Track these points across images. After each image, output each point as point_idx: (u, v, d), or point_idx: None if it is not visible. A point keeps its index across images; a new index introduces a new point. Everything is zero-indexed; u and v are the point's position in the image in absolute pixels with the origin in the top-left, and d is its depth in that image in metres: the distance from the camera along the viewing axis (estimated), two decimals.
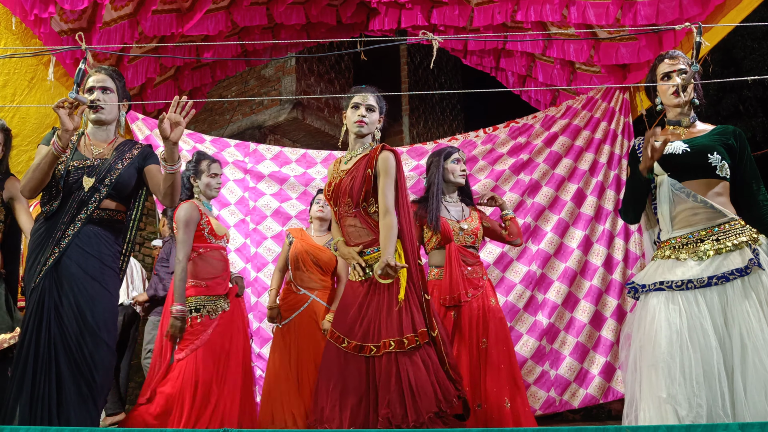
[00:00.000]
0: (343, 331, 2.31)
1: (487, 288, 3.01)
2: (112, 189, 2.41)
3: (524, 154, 4.29)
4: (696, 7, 3.56)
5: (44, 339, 2.24)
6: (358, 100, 2.50)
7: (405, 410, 2.08)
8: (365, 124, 2.47)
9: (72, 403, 2.22)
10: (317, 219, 3.71)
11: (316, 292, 3.53)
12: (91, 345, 2.28)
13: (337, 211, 2.48)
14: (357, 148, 2.51)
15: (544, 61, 4.70)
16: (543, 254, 4.11)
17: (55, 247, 2.32)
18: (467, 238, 3.02)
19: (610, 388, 3.93)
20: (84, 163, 2.40)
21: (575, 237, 4.15)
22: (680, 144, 2.26)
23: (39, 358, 2.22)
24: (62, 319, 2.27)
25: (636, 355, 2.15)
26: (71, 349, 2.25)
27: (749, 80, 7.46)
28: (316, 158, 4.52)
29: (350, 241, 2.45)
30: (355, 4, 5.03)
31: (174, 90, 4.97)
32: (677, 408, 1.94)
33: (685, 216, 2.19)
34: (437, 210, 2.98)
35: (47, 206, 2.38)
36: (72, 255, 2.33)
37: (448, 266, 2.93)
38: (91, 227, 2.39)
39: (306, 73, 7.57)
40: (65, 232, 2.34)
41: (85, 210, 2.37)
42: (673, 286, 2.10)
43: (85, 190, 2.38)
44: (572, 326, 4.03)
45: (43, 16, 3.55)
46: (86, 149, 2.47)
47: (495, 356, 2.84)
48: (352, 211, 2.41)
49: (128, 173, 2.46)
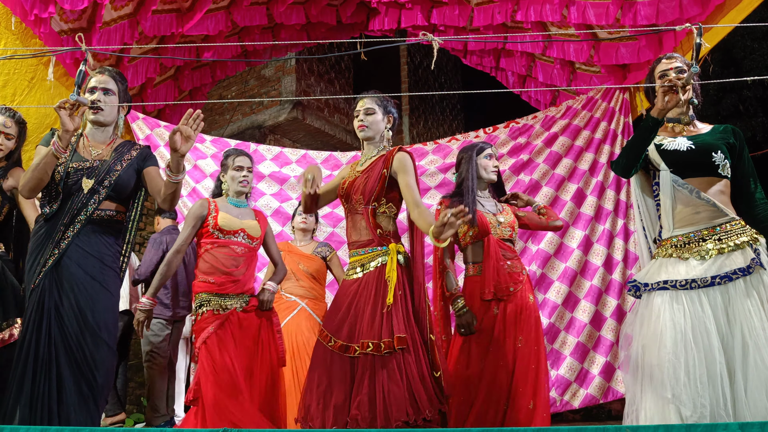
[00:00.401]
0: (331, 329, 2.32)
1: (526, 283, 2.91)
2: (112, 190, 2.42)
3: (524, 155, 4.29)
4: (696, 7, 3.56)
5: (44, 339, 2.24)
6: (357, 108, 2.54)
7: (374, 415, 2.08)
8: (366, 127, 2.49)
9: (73, 403, 2.22)
10: (300, 230, 3.75)
11: (306, 300, 3.57)
12: (91, 345, 2.28)
13: (347, 208, 2.50)
14: (371, 151, 2.52)
15: (544, 61, 4.70)
16: (543, 254, 4.11)
17: (55, 247, 2.32)
18: (505, 231, 2.91)
19: (610, 388, 3.93)
20: (83, 165, 2.40)
21: (575, 237, 4.15)
22: (684, 141, 2.26)
23: (39, 358, 2.22)
24: (63, 319, 2.27)
25: (638, 354, 2.14)
26: (72, 350, 2.25)
27: (749, 80, 7.46)
28: (316, 159, 4.52)
29: (349, 238, 2.47)
30: (355, 4, 5.03)
31: (174, 90, 4.97)
32: (681, 408, 1.94)
33: (687, 214, 2.19)
34: (473, 203, 2.85)
35: (47, 207, 2.39)
36: (72, 255, 2.33)
37: (487, 259, 2.81)
38: (91, 228, 2.39)
39: (306, 73, 7.57)
40: (65, 233, 2.34)
41: (85, 211, 2.37)
42: (678, 285, 2.10)
43: (84, 192, 2.38)
44: (572, 326, 4.03)
45: (43, 16, 3.55)
46: (85, 150, 2.47)
47: (527, 356, 2.74)
48: (361, 208, 2.42)
49: (127, 174, 2.46)
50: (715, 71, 3.71)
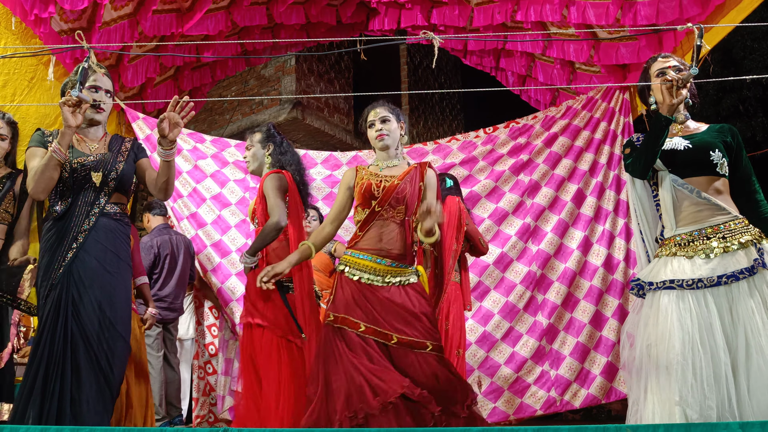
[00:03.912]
0: (357, 317, 2.33)
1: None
2: (118, 182, 2.45)
3: (524, 155, 4.29)
4: (696, 7, 3.56)
5: (59, 338, 2.25)
6: (371, 118, 2.52)
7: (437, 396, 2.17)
8: (386, 136, 2.48)
9: (90, 398, 2.23)
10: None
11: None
12: (110, 339, 2.30)
13: (378, 212, 2.38)
14: (389, 158, 2.50)
15: (544, 61, 4.70)
16: (543, 254, 4.11)
17: (72, 242, 2.33)
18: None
19: (613, 388, 3.93)
20: (87, 159, 2.42)
21: (575, 237, 4.15)
22: (681, 140, 2.25)
23: (53, 357, 2.23)
24: (81, 315, 2.28)
25: (642, 354, 2.12)
26: (91, 344, 2.27)
27: (748, 79, 7.46)
28: (316, 159, 4.51)
29: (380, 244, 2.35)
30: (355, 3, 5.02)
31: (174, 90, 4.97)
32: (687, 410, 1.93)
33: (690, 213, 2.19)
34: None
35: (58, 205, 2.39)
36: (90, 250, 2.34)
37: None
38: (105, 221, 2.41)
39: (306, 72, 7.57)
40: (81, 227, 2.35)
41: (98, 204, 2.39)
42: (684, 285, 2.09)
43: (96, 185, 2.40)
44: (572, 326, 4.03)
45: (43, 15, 3.55)
46: (82, 146, 2.47)
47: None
48: (400, 218, 2.38)
49: (129, 167, 2.51)
50: (715, 71, 3.71)
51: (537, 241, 4.16)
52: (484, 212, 4.24)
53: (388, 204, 2.37)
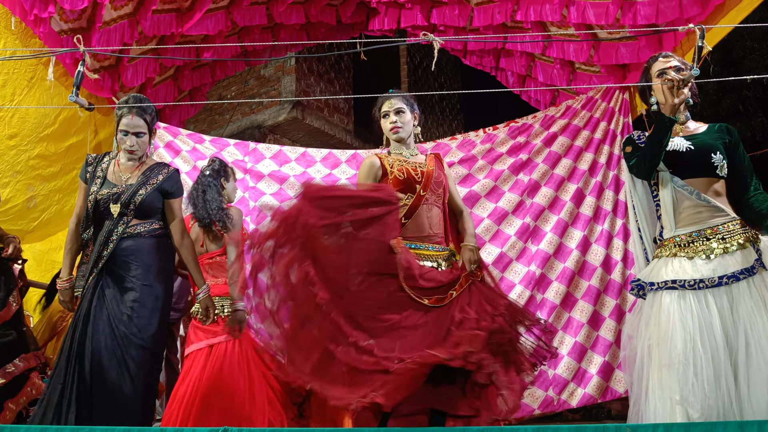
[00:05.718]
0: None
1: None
2: (137, 211, 2.63)
3: (524, 154, 4.29)
4: (696, 7, 3.56)
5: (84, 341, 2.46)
6: (386, 108, 2.53)
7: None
8: (400, 127, 2.49)
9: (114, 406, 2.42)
10: None
11: None
12: (133, 348, 2.51)
13: (424, 197, 2.39)
14: (406, 149, 2.55)
15: (544, 61, 4.70)
16: (542, 254, 4.11)
17: (93, 268, 2.57)
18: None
19: (609, 387, 3.93)
20: (111, 191, 2.63)
21: (574, 237, 4.14)
22: (682, 141, 2.25)
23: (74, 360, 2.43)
24: (108, 325, 2.49)
25: (643, 354, 2.13)
26: (117, 354, 2.47)
27: (748, 79, 7.46)
28: (315, 157, 4.51)
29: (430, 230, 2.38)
30: (355, 3, 5.03)
31: (174, 90, 4.97)
32: (689, 410, 1.94)
33: (690, 214, 2.19)
34: None
35: (85, 233, 2.65)
36: (108, 274, 2.57)
37: None
38: (128, 243, 2.61)
39: (306, 72, 7.57)
40: (101, 253, 2.58)
41: (116, 232, 2.60)
42: (686, 285, 2.10)
43: (114, 216, 2.61)
44: (570, 326, 4.03)
45: (43, 15, 3.55)
46: (115, 176, 2.68)
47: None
48: (440, 202, 2.46)
49: (151, 197, 2.66)
50: (715, 71, 3.71)
51: (536, 241, 4.15)
52: (484, 212, 4.23)
53: (430, 189, 2.40)
